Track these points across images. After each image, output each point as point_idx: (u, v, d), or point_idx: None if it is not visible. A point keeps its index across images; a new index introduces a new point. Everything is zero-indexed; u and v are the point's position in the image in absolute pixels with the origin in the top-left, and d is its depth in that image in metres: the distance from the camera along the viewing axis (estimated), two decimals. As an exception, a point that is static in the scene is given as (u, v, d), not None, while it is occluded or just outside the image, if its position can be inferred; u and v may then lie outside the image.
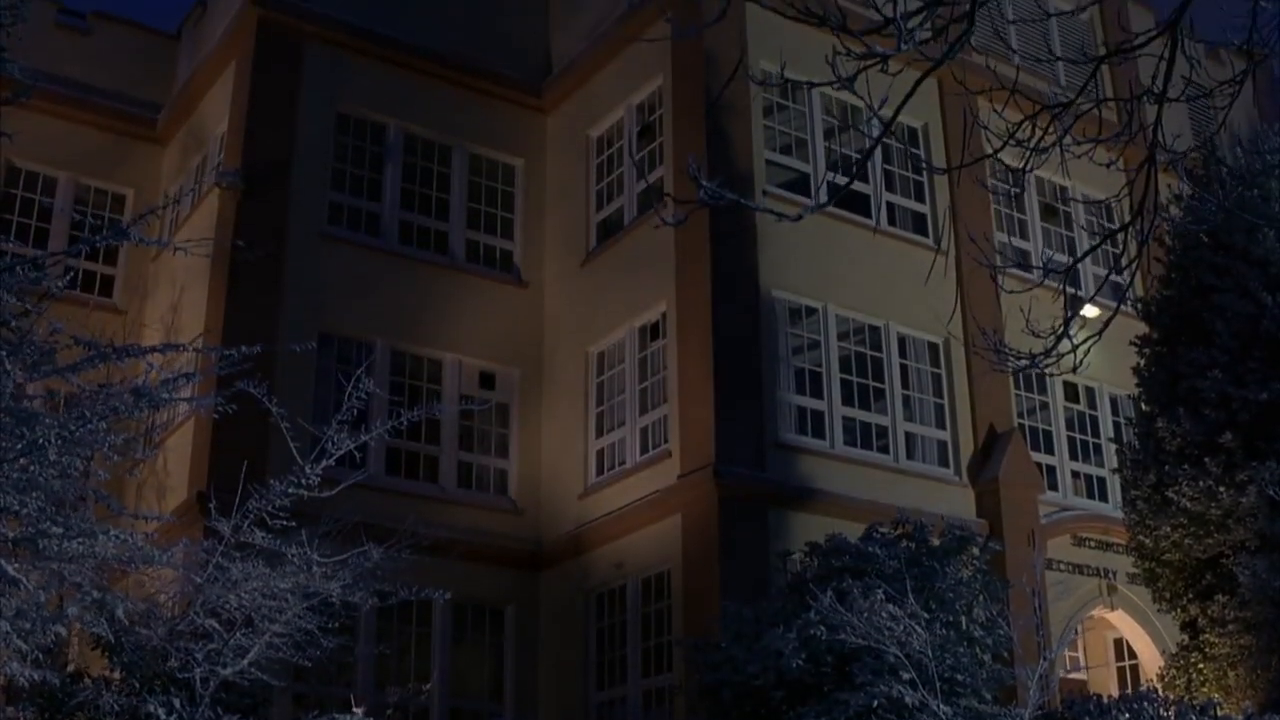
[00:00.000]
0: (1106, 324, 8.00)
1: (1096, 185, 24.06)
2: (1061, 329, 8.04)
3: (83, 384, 11.27)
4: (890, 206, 23.89)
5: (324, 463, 11.72)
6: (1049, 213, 26.55)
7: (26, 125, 19.64)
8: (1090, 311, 23.64)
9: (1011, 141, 7.70)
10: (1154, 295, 19.11)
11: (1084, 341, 8.12)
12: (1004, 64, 15.17)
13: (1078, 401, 25.16)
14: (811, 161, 23.24)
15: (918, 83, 6.57)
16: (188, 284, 23.74)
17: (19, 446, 9.69)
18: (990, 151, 7.47)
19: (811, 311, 22.34)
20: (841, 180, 22.84)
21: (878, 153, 23.84)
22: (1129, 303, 7.96)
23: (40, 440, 9.28)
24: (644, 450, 22.13)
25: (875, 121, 7.87)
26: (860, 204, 22.79)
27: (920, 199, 24.34)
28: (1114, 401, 25.53)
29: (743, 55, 16.98)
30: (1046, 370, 7.19)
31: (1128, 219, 8.08)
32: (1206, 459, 17.05)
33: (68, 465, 10.50)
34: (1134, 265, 7.58)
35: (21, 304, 12.80)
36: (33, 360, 10.27)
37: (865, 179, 23.26)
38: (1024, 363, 8.10)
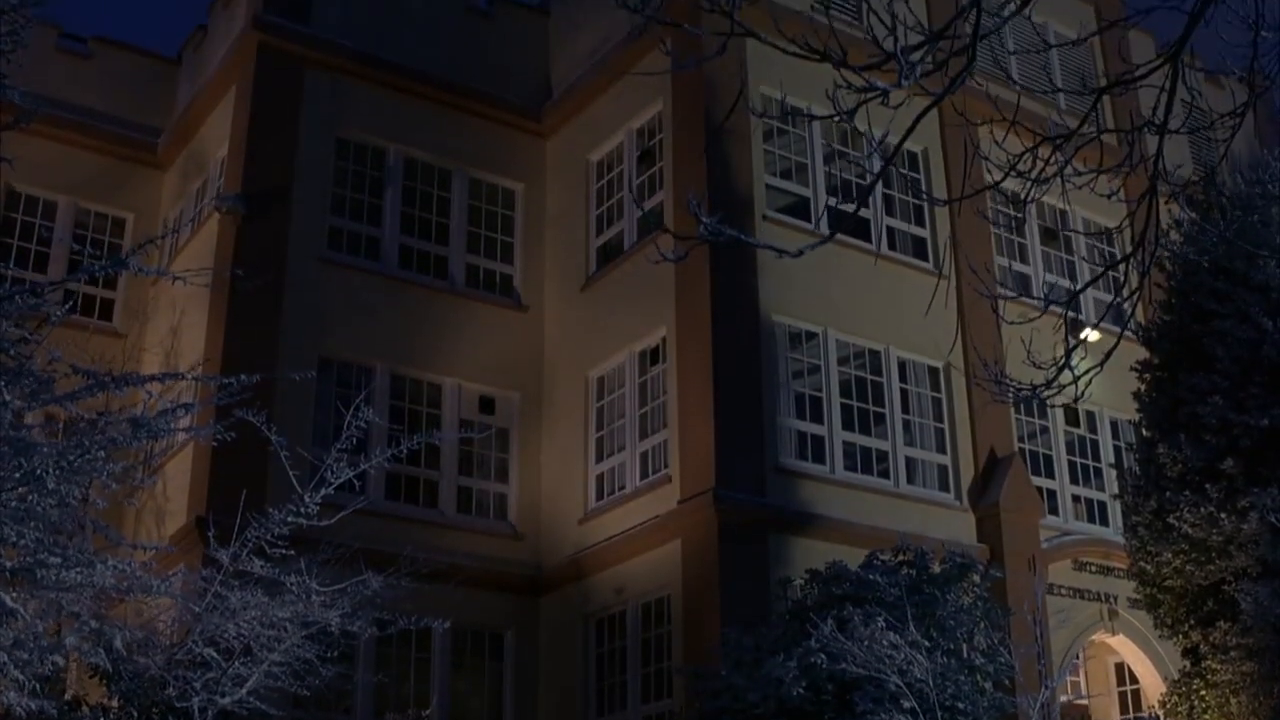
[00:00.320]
0: (1108, 355, 7.98)
1: (1097, 209, 24.08)
2: (1063, 360, 8.02)
3: (81, 412, 11.22)
4: (890, 231, 23.89)
5: (323, 491, 11.66)
6: (1049, 236, 26.55)
7: (27, 149, 19.64)
8: (1091, 336, 23.67)
9: (1012, 173, 7.69)
10: (1154, 320, 19.08)
11: (1086, 373, 8.10)
12: (1005, 88, 15.15)
13: (1078, 426, 25.12)
14: (812, 186, 23.25)
15: (919, 118, 6.55)
16: (188, 308, 23.71)
17: (17, 475, 9.65)
18: (991, 183, 7.45)
19: (811, 336, 22.32)
20: (843, 206, 22.86)
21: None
22: (1130, 329, 7.94)
23: (38, 471, 9.24)
24: (644, 475, 22.09)
25: (876, 151, 7.86)
26: (860, 229, 22.79)
27: (920, 223, 24.33)
28: (1114, 425, 25.50)
29: (743, 87, 16.98)
30: (1049, 402, 7.15)
31: (1129, 249, 8.07)
32: (1208, 485, 17.00)
33: (66, 494, 10.45)
34: (1135, 297, 7.54)
35: (21, 330, 12.78)
36: (31, 389, 10.22)
37: (865, 204, 23.23)
38: (1026, 394, 8.07)
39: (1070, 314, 8.36)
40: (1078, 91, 7.32)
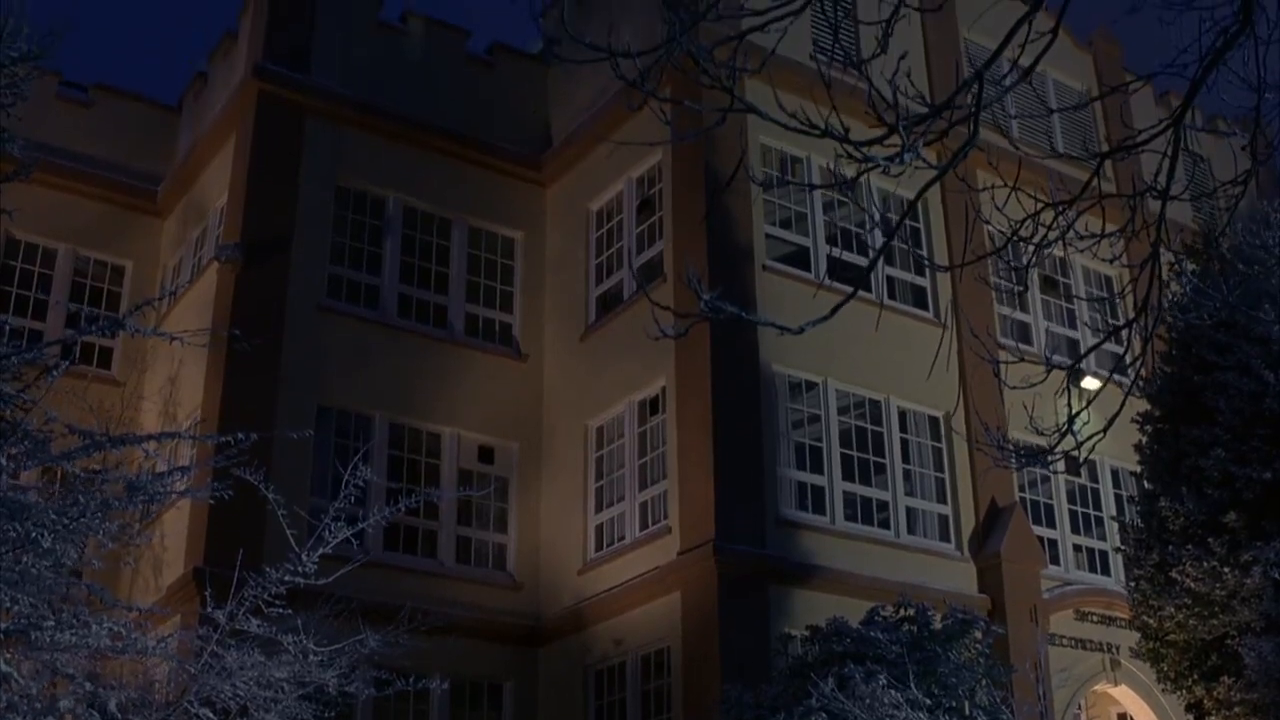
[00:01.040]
0: (1111, 421, 7.94)
1: (1097, 258, 24.05)
2: (1065, 426, 7.96)
3: (78, 470, 11.15)
4: (890, 281, 23.87)
5: (320, 551, 11.59)
6: (1049, 285, 26.54)
7: (26, 197, 19.64)
8: (1091, 384, 23.61)
9: (1015, 239, 7.65)
10: (1156, 371, 19.03)
11: (1089, 438, 8.05)
12: (1005, 145, 15.14)
13: (1079, 475, 25.03)
14: (811, 235, 23.23)
15: (921, 192, 6.52)
16: (186, 357, 23.63)
17: (12, 535, 9.57)
18: (993, 249, 7.41)
19: (811, 386, 22.27)
20: (842, 255, 22.84)
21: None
22: (1131, 379, 7.89)
23: (33, 535, 9.17)
24: (643, 526, 22.01)
25: (877, 204, 7.84)
26: (860, 278, 22.73)
27: (920, 273, 24.31)
28: (1115, 474, 25.43)
29: (742, 156, 17.01)
30: (1052, 468, 7.10)
31: (1132, 314, 8.03)
32: (1210, 539, 16.89)
33: (62, 554, 10.36)
34: (1139, 361, 7.49)
35: (19, 383, 12.73)
36: (27, 449, 10.16)
37: (864, 253, 23.24)
38: (1028, 460, 8.01)
39: (1074, 367, 8.25)
40: (1079, 156, 7.28)
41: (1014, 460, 7.91)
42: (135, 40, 75.49)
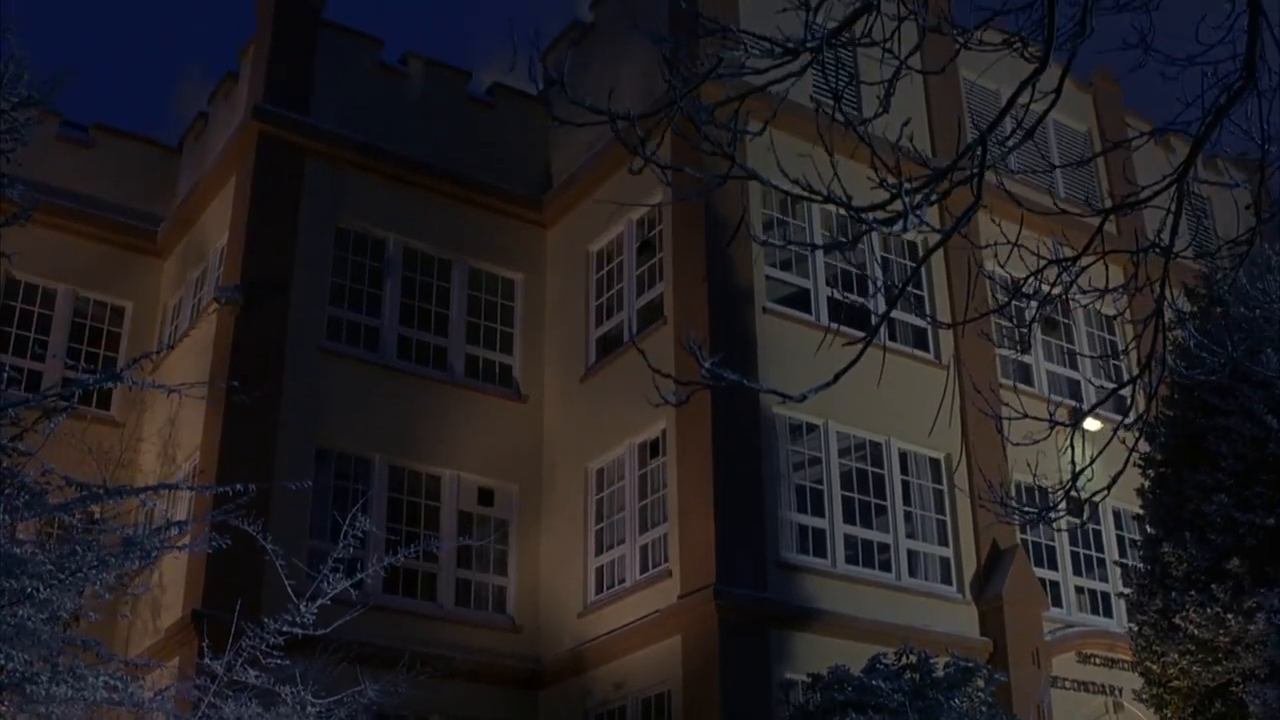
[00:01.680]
0: (1114, 480, 7.89)
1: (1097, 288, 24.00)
2: (1069, 483, 7.91)
3: (75, 520, 11.10)
4: (890, 321, 23.81)
5: (319, 602, 11.52)
6: (1049, 326, 26.50)
7: (26, 237, 19.65)
8: (1091, 425, 23.54)
9: (1018, 293, 7.62)
10: (1157, 415, 18.97)
11: (1092, 496, 8.00)
12: (1007, 186, 15.12)
13: (1079, 506, 24.88)
14: (812, 277, 23.21)
15: (924, 257, 6.48)
16: (186, 398, 23.55)
17: (9, 589, 9.51)
18: (995, 304, 7.37)
19: (812, 428, 22.21)
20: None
21: (875, 246, 23.85)
22: (1136, 437, 7.86)
23: (29, 589, 9.11)
24: (644, 569, 21.91)
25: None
26: (859, 319, 22.70)
27: (921, 313, 24.26)
28: (1117, 516, 25.34)
29: (743, 215, 17.00)
30: (1055, 525, 7.04)
31: (1136, 370, 7.99)
32: (1214, 585, 16.81)
33: (58, 606, 10.30)
34: (1143, 417, 7.45)
35: (16, 427, 12.69)
36: (25, 501, 10.10)
37: (865, 293, 23.22)
38: (1031, 517, 7.95)
39: (1077, 424, 8.21)
40: (1081, 214, 7.25)
41: (1017, 517, 7.84)
42: (136, 81, 75.68)
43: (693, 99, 5.89)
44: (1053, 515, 7.90)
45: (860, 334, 19.26)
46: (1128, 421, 7.56)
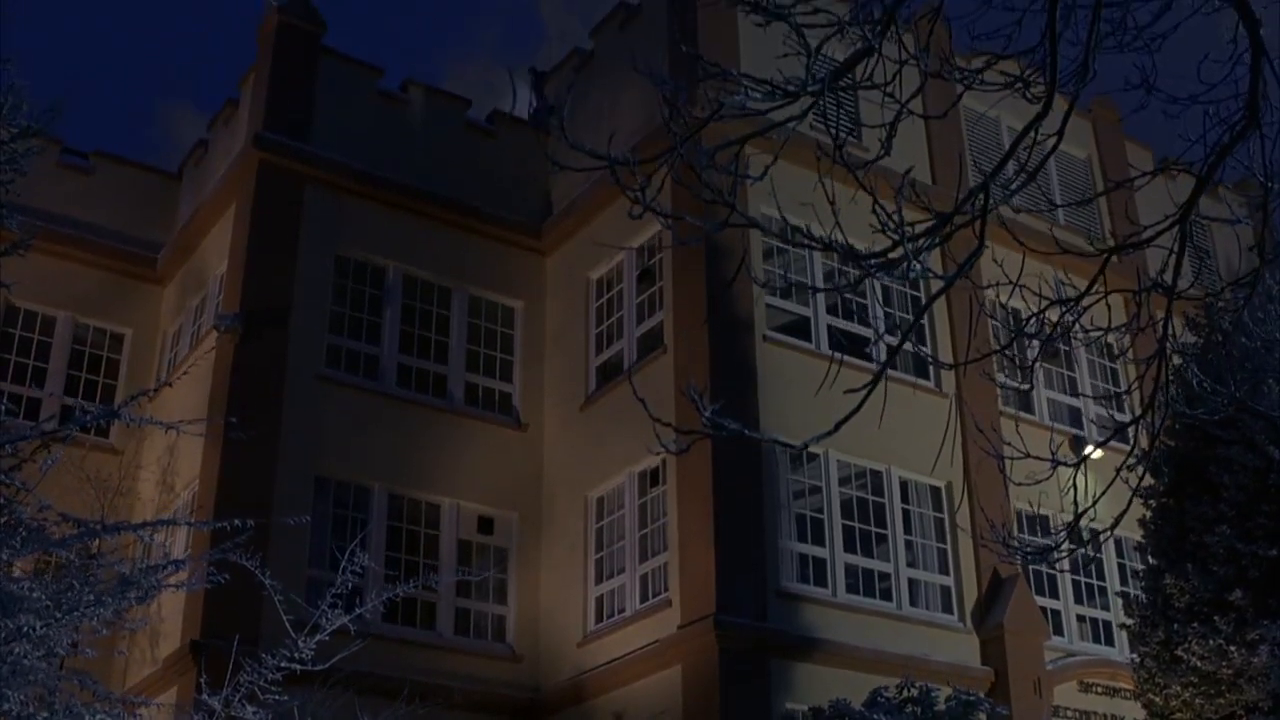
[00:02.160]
0: (1118, 520, 7.83)
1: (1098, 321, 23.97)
2: (1072, 522, 7.86)
3: (72, 556, 11.04)
4: (891, 349, 23.72)
5: (317, 638, 11.46)
6: (1050, 353, 26.42)
7: (26, 265, 19.59)
8: (1094, 454, 23.44)
9: (1020, 334, 7.59)
10: (1159, 446, 18.90)
11: (1096, 535, 7.95)
12: (1010, 215, 15.10)
13: (1082, 545, 24.81)
14: (812, 305, 23.17)
15: (928, 305, 6.45)
16: (185, 427, 23.52)
17: (6, 628, 9.45)
18: (996, 345, 7.33)
19: (812, 457, 22.14)
20: (843, 325, 22.77)
21: (877, 288, 23.82)
22: (1139, 479, 7.83)
23: (24, 629, 9.05)
24: (644, 598, 21.84)
25: (883, 340, 7.79)
26: (859, 347, 22.67)
27: (922, 341, 24.21)
28: (1119, 544, 25.25)
29: (744, 258, 16.97)
30: (1057, 566, 7.00)
31: (1136, 385, 7.96)
32: (1216, 617, 16.74)
33: (54, 643, 10.23)
34: (1146, 460, 7.41)
35: (15, 458, 12.64)
36: (22, 538, 10.05)
37: (865, 323, 23.19)
38: (1034, 558, 7.91)
39: (1080, 464, 8.16)
40: (1085, 253, 7.22)
41: (1020, 558, 7.79)
42: (136, 107, 75.84)
43: (693, 144, 5.86)
44: (1056, 555, 7.83)
45: (861, 362, 19.44)
46: (1130, 463, 7.49)
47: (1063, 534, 7.79)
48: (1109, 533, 7.83)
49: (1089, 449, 7.75)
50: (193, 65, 77.24)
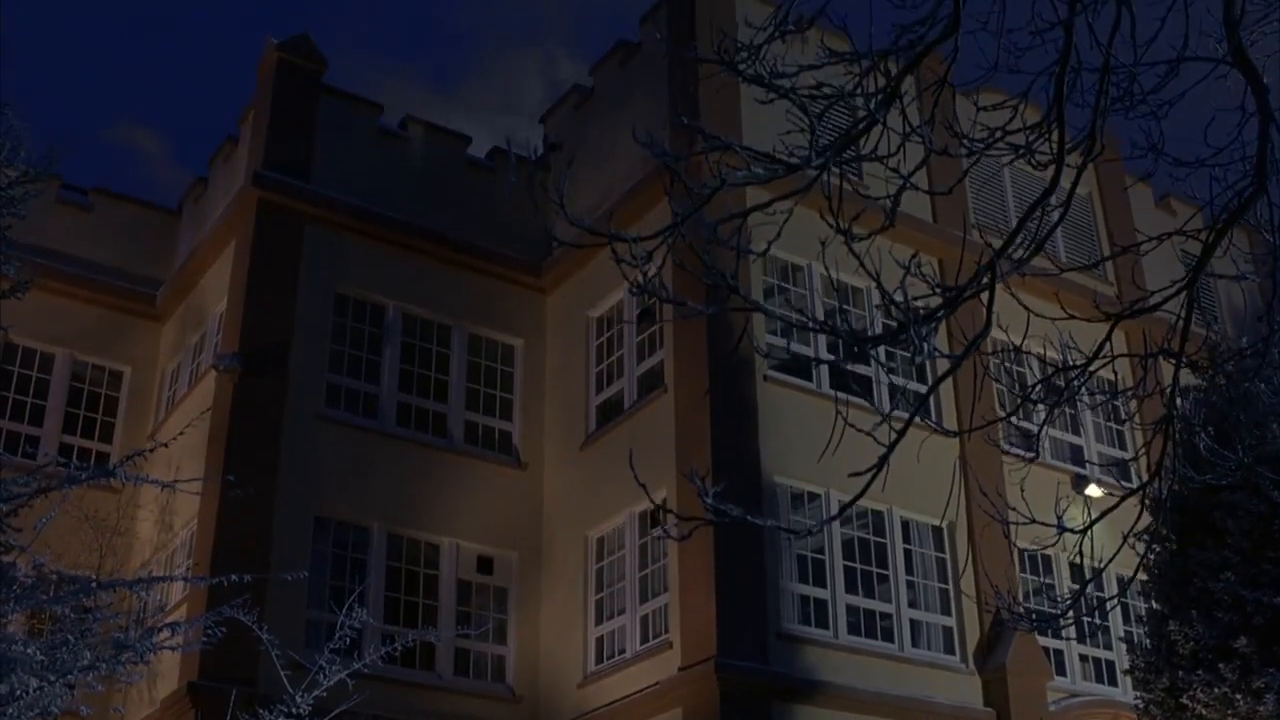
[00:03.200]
0: (1125, 586, 7.74)
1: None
2: (1079, 591, 7.77)
3: (68, 612, 10.94)
4: (892, 388, 23.66)
5: (315, 694, 11.35)
6: (1052, 389, 26.30)
7: (24, 301, 19.49)
8: (1094, 491, 23.38)
9: (1026, 400, 7.51)
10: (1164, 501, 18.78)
11: (1104, 602, 7.87)
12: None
13: (1089, 613, 24.65)
14: (813, 344, 23.08)
15: (931, 389, 6.37)
16: (184, 464, 23.43)
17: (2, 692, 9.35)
18: (1002, 415, 7.25)
19: (814, 497, 22.05)
20: (841, 362, 22.68)
21: (877, 320, 23.72)
22: (1145, 552, 7.79)
23: (18, 691, 8.95)
24: (644, 640, 21.71)
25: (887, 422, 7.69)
26: (861, 386, 22.57)
27: (922, 380, 24.13)
28: (1121, 582, 25.10)
29: (746, 327, 16.92)
30: (1064, 633, 6.89)
31: (1142, 451, 7.87)
32: (1221, 665, 16.61)
33: (49, 702, 10.13)
34: (1153, 527, 7.32)
35: (13, 501, 12.53)
36: (16, 595, 9.95)
37: (865, 361, 23.08)
38: (1039, 623, 7.82)
39: (1088, 529, 8.07)
40: (1091, 318, 7.14)
41: (1026, 624, 7.70)
42: (136, 143, 75.91)
43: (694, 222, 5.79)
44: (1063, 623, 7.74)
45: (863, 402, 19.18)
46: (1138, 531, 7.40)
47: (1068, 603, 7.67)
48: (1116, 599, 7.73)
49: (1091, 506, 7.63)
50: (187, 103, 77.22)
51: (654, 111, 24.23)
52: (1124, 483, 25.71)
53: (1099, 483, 24.67)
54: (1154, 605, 18.39)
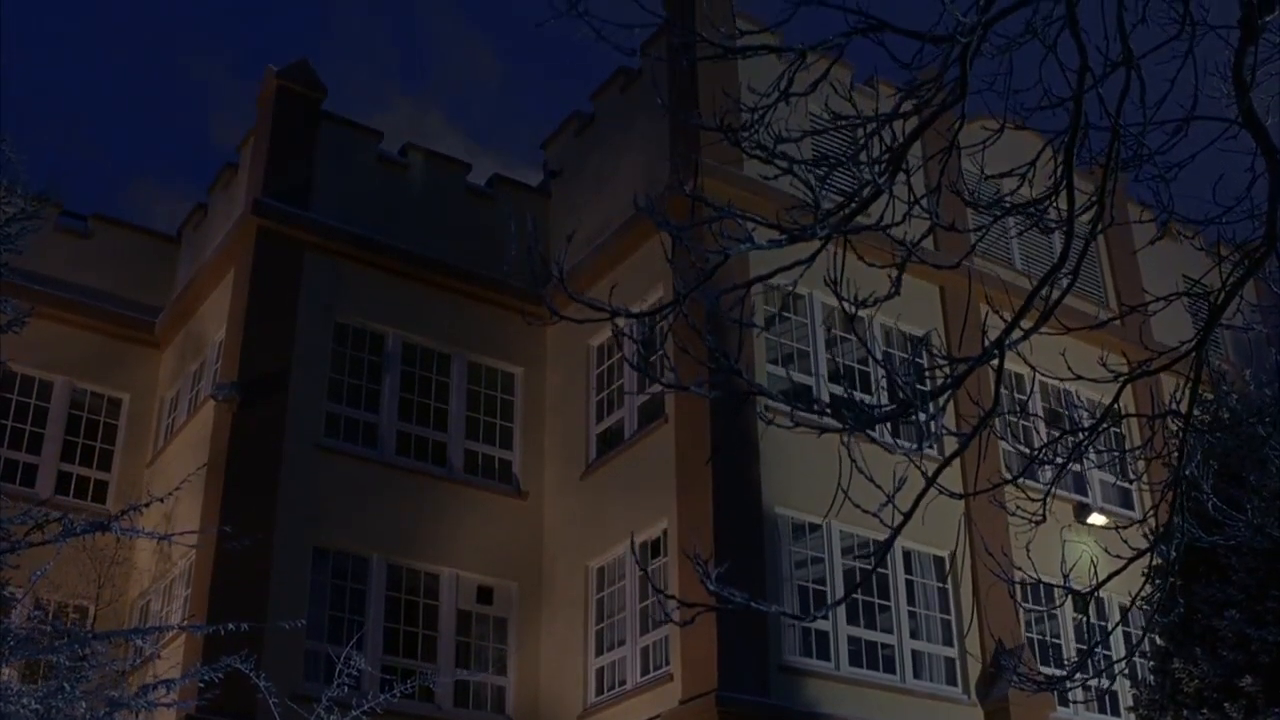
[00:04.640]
0: (1132, 651, 7.65)
1: (1104, 391, 23.78)
2: (1085, 653, 7.69)
3: (63, 661, 10.84)
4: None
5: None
6: (1053, 417, 26.24)
7: (22, 330, 19.42)
8: (1097, 520, 23.29)
9: (1034, 461, 7.43)
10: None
11: (1111, 664, 7.79)
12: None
13: (1086, 613, 24.57)
14: (814, 372, 23.00)
15: (937, 471, 6.29)
16: (183, 494, 23.29)
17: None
18: (1008, 478, 7.17)
19: (815, 528, 21.94)
20: (843, 391, 22.61)
21: (879, 347, 23.62)
22: (1153, 606, 7.72)
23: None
24: (645, 671, 21.59)
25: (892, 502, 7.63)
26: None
27: (924, 408, 23.96)
28: (1124, 612, 24.93)
29: (750, 388, 16.78)
30: (1070, 695, 6.81)
31: (1151, 512, 7.79)
32: (1226, 704, 16.50)
33: (45, 753, 10.04)
34: (1162, 586, 7.24)
35: (8, 541, 12.45)
36: (10, 647, 9.86)
37: (868, 390, 23.02)
38: (1047, 685, 7.73)
39: (1093, 593, 8.00)
40: (1098, 379, 7.07)
41: (1033, 686, 7.62)
42: (134, 170, 75.94)
43: (696, 299, 5.72)
44: (1069, 685, 7.66)
45: (864, 432, 18.70)
46: (1145, 594, 7.32)
47: (1074, 664, 7.59)
48: (1124, 662, 7.65)
49: (1100, 581, 7.56)
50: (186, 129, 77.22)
51: (655, 139, 24.18)
52: (1126, 510, 25.66)
53: (1102, 510, 24.63)
54: (1157, 642, 18.28)
